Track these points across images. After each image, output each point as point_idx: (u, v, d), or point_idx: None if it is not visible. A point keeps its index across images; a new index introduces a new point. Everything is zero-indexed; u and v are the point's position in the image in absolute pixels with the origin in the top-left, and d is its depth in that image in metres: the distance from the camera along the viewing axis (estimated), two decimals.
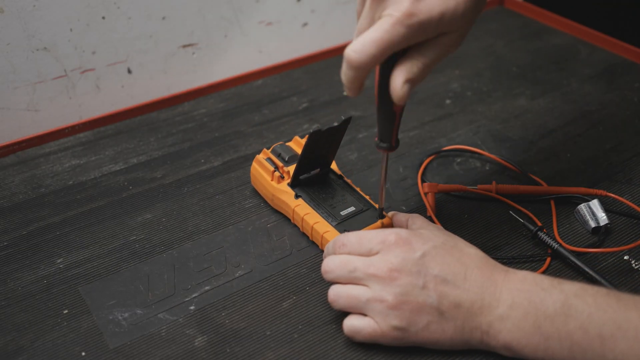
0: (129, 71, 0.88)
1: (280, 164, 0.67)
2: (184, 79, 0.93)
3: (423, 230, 0.57)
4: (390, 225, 0.63)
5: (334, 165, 0.69)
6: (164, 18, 0.87)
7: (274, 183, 0.67)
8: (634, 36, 0.98)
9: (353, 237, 0.56)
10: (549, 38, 1.03)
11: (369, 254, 0.54)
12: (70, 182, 0.74)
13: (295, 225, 0.67)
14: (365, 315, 0.53)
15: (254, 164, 0.69)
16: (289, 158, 0.68)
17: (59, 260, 0.63)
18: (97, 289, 0.60)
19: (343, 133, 0.64)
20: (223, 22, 0.92)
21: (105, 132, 0.82)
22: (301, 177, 0.66)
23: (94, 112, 0.86)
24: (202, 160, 0.77)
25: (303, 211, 0.64)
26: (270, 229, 0.67)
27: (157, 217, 0.69)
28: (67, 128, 0.81)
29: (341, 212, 0.64)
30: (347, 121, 0.62)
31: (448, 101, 0.88)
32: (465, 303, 0.51)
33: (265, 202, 0.70)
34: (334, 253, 0.56)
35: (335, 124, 0.61)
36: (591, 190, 0.69)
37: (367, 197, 0.66)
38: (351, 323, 0.54)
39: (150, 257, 0.64)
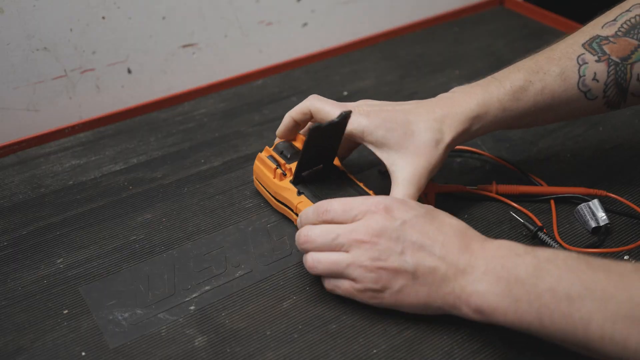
0: (129, 71, 0.88)
1: (282, 161, 0.67)
2: (184, 79, 0.93)
3: (408, 200, 0.58)
4: None
5: (336, 162, 0.69)
6: (164, 18, 0.87)
7: (276, 180, 0.66)
8: None
9: (337, 204, 0.56)
10: (549, 38, 1.03)
11: (352, 220, 0.55)
12: (70, 182, 0.74)
13: (295, 226, 0.66)
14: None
15: (257, 162, 0.68)
16: (291, 155, 0.67)
17: (59, 260, 0.63)
18: (97, 289, 0.60)
19: (344, 129, 0.63)
20: (223, 22, 0.92)
21: (105, 132, 0.82)
22: (304, 174, 0.66)
23: (94, 112, 0.86)
24: (202, 160, 0.77)
25: (303, 206, 0.64)
26: (270, 229, 0.67)
27: (157, 217, 0.69)
28: (67, 128, 0.81)
29: None
30: (346, 116, 0.61)
31: None
32: (441, 269, 0.52)
33: (265, 202, 0.70)
34: (315, 220, 0.57)
35: (335, 119, 0.60)
36: (591, 190, 0.69)
37: (370, 192, 0.66)
38: (332, 282, 0.57)
39: (150, 257, 0.64)
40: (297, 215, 0.65)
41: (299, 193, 0.65)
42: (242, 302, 0.59)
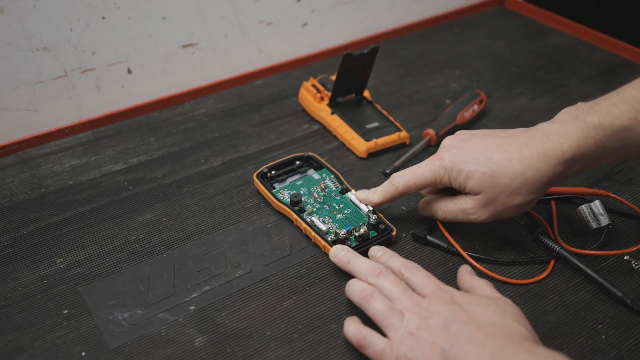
0: (129, 71, 0.88)
1: (322, 88, 0.83)
2: (184, 79, 0.93)
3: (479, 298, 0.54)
4: (406, 138, 0.78)
5: (366, 93, 0.85)
6: (164, 18, 0.87)
7: (315, 103, 0.83)
8: (634, 36, 0.98)
9: (420, 276, 0.56)
10: (549, 38, 1.03)
11: (419, 292, 0.54)
12: (70, 182, 0.74)
13: (295, 226, 0.67)
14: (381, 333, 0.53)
15: (302, 89, 0.85)
16: (329, 87, 0.83)
17: (59, 260, 0.63)
18: (97, 289, 0.60)
19: (372, 61, 0.79)
20: (223, 22, 0.92)
21: (105, 132, 0.82)
22: (338, 100, 0.82)
23: (94, 112, 0.86)
24: (202, 160, 0.77)
25: (336, 123, 0.80)
26: (270, 229, 0.67)
27: (157, 217, 0.69)
28: (67, 128, 0.81)
29: (367, 126, 0.79)
30: (375, 50, 0.77)
31: (448, 101, 0.88)
32: None
33: (265, 202, 0.70)
34: (401, 271, 0.57)
35: (365, 50, 0.76)
36: (592, 190, 0.69)
37: (391, 118, 0.81)
38: (365, 334, 0.53)
39: (150, 257, 0.63)
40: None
41: (332, 113, 0.81)
42: (242, 302, 0.59)
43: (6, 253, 0.64)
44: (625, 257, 0.63)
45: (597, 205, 0.66)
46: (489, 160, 0.58)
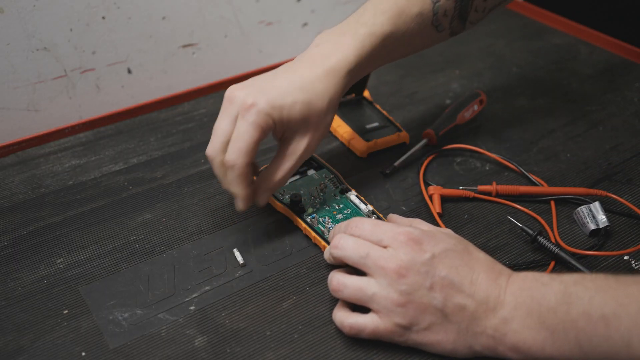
0: (129, 71, 0.88)
1: None
2: (184, 79, 0.93)
3: (435, 231, 0.57)
4: (406, 137, 0.78)
5: (366, 93, 0.84)
6: (164, 18, 0.87)
7: None
8: (634, 36, 0.98)
9: (368, 224, 0.56)
10: (549, 38, 1.04)
11: (378, 244, 0.54)
12: (70, 182, 0.74)
13: (295, 226, 0.67)
14: (367, 310, 0.54)
15: None
16: None
17: (59, 260, 0.63)
18: (97, 289, 0.60)
19: None
20: (223, 22, 0.92)
21: (105, 132, 0.82)
22: None
23: (94, 112, 0.86)
24: (202, 160, 0.77)
25: (336, 123, 0.80)
26: (270, 229, 0.67)
27: (157, 217, 0.69)
28: (67, 128, 0.81)
29: (366, 126, 0.79)
30: None
31: (448, 101, 0.88)
32: (470, 307, 0.51)
33: None
34: (345, 231, 0.57)
35: None
36: (591, 191, 0.69)
37: (391, 118, 0.81)
38: (355, 320, 0.54)
39: (150, 257, 0.64)
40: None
41: None
42: (242, 302, 0.59)
43: (6, 253, 0.64)
44: (625, 258, 0.63)
45: (596, 207, 0.66)
46: (298, 89, 0.60)
